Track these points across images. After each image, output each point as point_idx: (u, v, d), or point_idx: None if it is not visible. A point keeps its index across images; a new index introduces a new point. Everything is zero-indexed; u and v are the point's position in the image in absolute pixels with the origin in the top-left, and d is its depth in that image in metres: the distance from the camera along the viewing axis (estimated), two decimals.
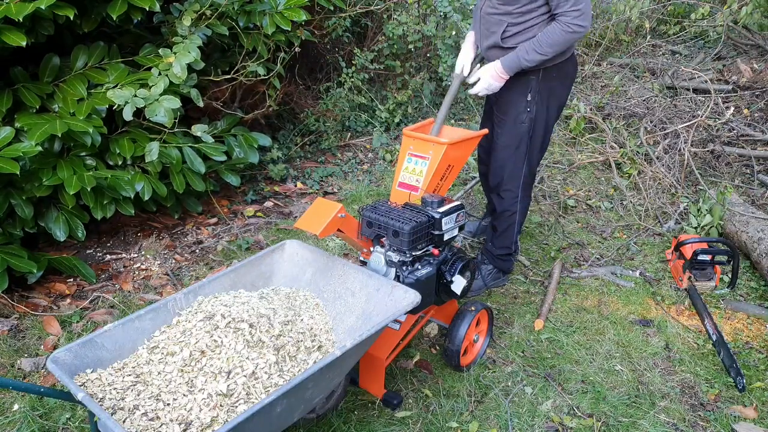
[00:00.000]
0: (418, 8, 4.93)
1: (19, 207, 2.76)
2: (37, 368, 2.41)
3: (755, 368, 2.50)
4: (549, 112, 2.64)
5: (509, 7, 2.43)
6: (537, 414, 2.25)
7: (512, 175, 2.71)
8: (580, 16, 2.35)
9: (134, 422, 1.59)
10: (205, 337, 1.81)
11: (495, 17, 2.49)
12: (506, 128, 2.64)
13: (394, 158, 4.47)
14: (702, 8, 5.65)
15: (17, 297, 2.77)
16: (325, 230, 2.01)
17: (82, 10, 2.87)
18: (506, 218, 2.80)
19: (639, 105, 4.97)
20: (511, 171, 2.70)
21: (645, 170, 4.07)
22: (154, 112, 2.89)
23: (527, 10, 2.42)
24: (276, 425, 1.67)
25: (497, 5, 2.46)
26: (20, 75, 2.90)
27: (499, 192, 2.77)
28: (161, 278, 3.03)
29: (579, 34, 2.38)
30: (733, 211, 3.40)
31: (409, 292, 1.94)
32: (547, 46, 2.40)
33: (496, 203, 2.81)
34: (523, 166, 2.69)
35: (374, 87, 5.08)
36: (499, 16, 2.48)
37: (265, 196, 3.93)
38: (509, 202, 2.76)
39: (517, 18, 2.44)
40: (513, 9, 2.42)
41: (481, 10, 2.55)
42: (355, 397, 2.29)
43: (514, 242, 2.87)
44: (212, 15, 3.14)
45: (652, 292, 3.01)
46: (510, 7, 2.42)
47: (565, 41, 2.39)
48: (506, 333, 2.70)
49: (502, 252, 2.88)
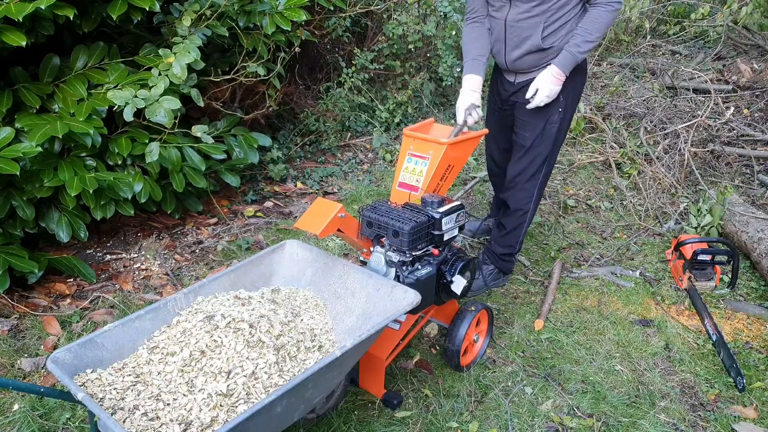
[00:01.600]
0: (418, 8, 4.93)
1: (20, 208, 2.76)
2: (37, 368, 2.41)
3: (755, 368, 2.50)
4: (573, 111, 2.67)
5: (544, 5, 2.41)
6: (537, 414, 2.25)
7: (533, 174, 2.72)
8: None
9: (134, 422, 1.59)
10: (205, 337, 1.81)
11: (528, 21, 2.45)
12: (537, 130, 2.63)
13: (394, 158, 4.48)
14: (702, 8, 5.66)
15: (17, 297, 2.77)
16: (325, 230, 2.01)
17: (82, 10, 2.87)
18: (518, 217, 2.80)
19: (639, 105, 4.97)
20: (533, 171, 2.71)
21: (645, 170, 4.07)
22: (154, 113, 2.89)
23: (562, 5, 2.42)
24: (276, 425, 1.67)
25: (531, 8, 2.43)
26: (20, 75, 2.90)
27: (516, 190, 2.77)
28: (161, 278, 3.03)
29: (618, 11, 2.43)
30: (733, 211, 3.40)
31: (409, 292, 1.94)
32: (596, 31, 2.41)
33: (511, 201, 2.81)
34: (544, 166, 2.71)
35: (374, 87, 5.08)
36: (533, 19, 2.44)
37: (265, 196, 3.93)
38: (524, 200, 2.76)
39: (553, 15, 2.43)
40: (549, 6, 2.41)
41: (506, 21, 2.50)
42: (355, 397, 2.29)
43: (519, 242, 2.87)
44: (212, 15, 3.14)
45: (652, 292, 3.01)
46: (545, 5, 2.41)
47: (610, 21, 2.42)
48: (506, 333, 2.70)
49: (505, 252, 2.88)
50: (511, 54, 2.56)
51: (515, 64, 2.58)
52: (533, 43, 2.48)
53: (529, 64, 2.54)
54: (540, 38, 2.46)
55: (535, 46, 2.48)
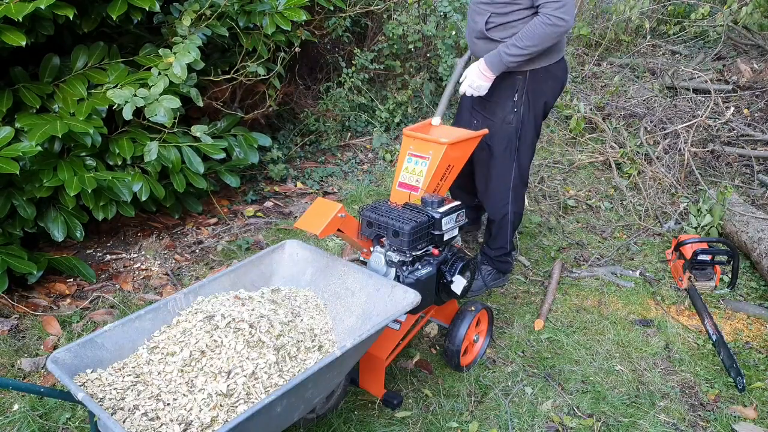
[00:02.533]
0: (418, 8, 4.93)
1: (21, 207, 2.76)
2: (37, 368, 2.41)
3: (755, 368, 2.50)
4: (536, 113, 2.63)
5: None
6: (537, 414, 2.25)
7: (501, 176, 2.69)
8: (561, 8, 2.29)
9: (134, 422, 1.59)
10: (205, 337, 1.81)
11: (480, 6, 2.50)
12: (493, 129, 2.61)
13: (394, 158, 4.47)
14: (702, 8, 5.65)
15: (17, 297, 2.77)
16: (325, 230, 2.01)
17: (82, 10, 2.87)
18: (499, 221, 2.79)
19: (639, 105, 4.97)
20: (499, 173, 2.68)
21: (645, 170, 4.07)
22: (153, 112, 2.89)
23: (509, 1, 2.39)
24: (276, 425, 1.67)
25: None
26: (20, 75, 2.90)
27: (489, 197, 2.76)
28: (161, 278, 3.03)
29: (560, 28, 2.32)
30: (733, 211, 3.40)
31: (409, 292, 1.94)
32: (527, 39, 2.34)
33: (488, 208, 2.80)
34: (513, 168, 2.67)
35: (374, 87, 5.08)
36: (484, 5, 2.48)
37: (265, 196, 3.93)
38: (499, 204, 2.75)
39: (500, 8, 2.42)
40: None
41: (471, 2, 2.58)
42: (355, 397, 2.29)
43: (509, 242, 2.86)
44: (212, 15, 3.14)
45: (652, 292, 3.01)
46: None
47: (545, 35, 2.32)
48: (506, 333, 2.69)
49: (498, 253, 2.88)
50: (470, 36, 2.62)
51: (474, 47, 2.62)
52: (479, 29, 2.52)
53: (481, 50, 2.55)
54: (483, 25, 2.48)
55: (482, 32, 2.51)
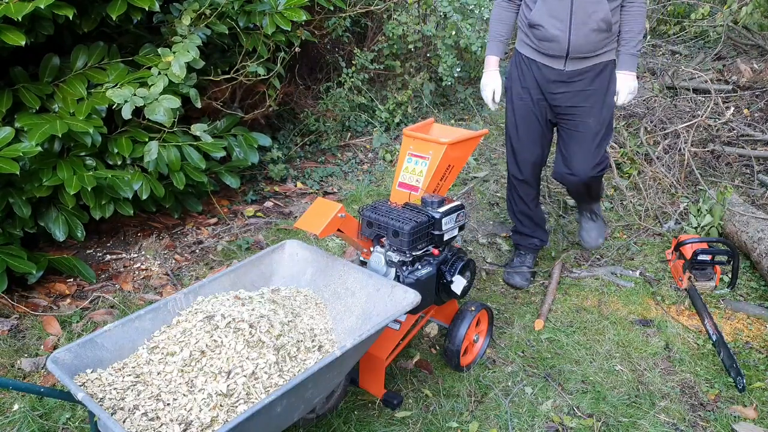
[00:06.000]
0: (418, 8, 4.93)
1: (18, 207, 2.75)
2: (37, 368, 2.41)
3: (755, 368, 2.50)
4: None
5: None
6: (537, 414, 2.25)
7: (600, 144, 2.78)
8: None
9: (134, 422, 1.59)
10: (205, 337, 1.81)
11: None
12: (594, 115, 2.71)
13: (394, 158, 4.47)
14: (702, 8, 5.65)
15: (17, 297, 2.77)
16: (325, 230, 2.01)
17: (81, 10, 2.87)
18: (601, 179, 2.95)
19: (639, 105, 4.97)
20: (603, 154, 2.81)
21: (645, 170, 4.07)
22: (153, 112, 2.89)
23: None
24: (276, 425, 1.67)
25: None
26: (20, 75, 2.90)
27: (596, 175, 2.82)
28: (161, 278, 3.03)
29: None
30: (733, 211, 3.40)
31: (409, 292, 1.94)
32: (640, 26, 2.62)
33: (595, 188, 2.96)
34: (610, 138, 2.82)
35: (374, 87, 5.08)
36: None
37: (265, 196, 3.93)
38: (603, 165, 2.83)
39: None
40: None
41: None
42: (355, 397, 2.29)
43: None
44: (212, 15, 3.14)
45: (652, 292, 3.01)
46: None
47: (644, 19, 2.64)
48: (506, 333, 2.69)
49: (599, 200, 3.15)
50: (578, 32, 2.54)
51: (578, 43, 2.56)
52: (601, 18, 2.52)
53: (593, 45, 2.58)
54: (609, 11, 2.52)
55: (604, 20, 2.53)
